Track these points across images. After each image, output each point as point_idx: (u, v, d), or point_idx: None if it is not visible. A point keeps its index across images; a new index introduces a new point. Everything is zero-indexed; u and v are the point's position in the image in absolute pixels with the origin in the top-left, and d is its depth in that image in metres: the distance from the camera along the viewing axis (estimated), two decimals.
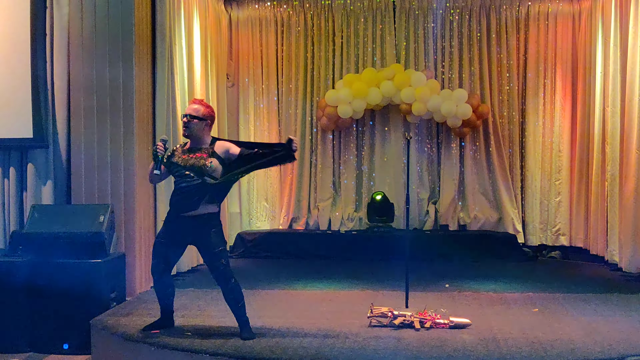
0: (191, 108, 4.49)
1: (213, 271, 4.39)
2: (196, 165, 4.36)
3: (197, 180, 4.36)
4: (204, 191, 4.36)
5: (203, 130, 4.47)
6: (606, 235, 7.44)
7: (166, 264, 4.54)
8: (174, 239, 4.47)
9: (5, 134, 5.82)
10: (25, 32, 5.75)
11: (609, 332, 4.53)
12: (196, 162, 4.37)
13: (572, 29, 8.74)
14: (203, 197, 4.37)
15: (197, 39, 7.49)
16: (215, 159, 4.39)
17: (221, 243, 4.43)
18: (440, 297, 5.73)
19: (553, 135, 8.79)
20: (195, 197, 4.36)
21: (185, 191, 4.37)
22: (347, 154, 9.19)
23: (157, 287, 4.60)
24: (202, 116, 4.44)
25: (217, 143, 4.48)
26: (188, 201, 4.36)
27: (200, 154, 4.40)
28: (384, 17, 9.08)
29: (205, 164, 4.35)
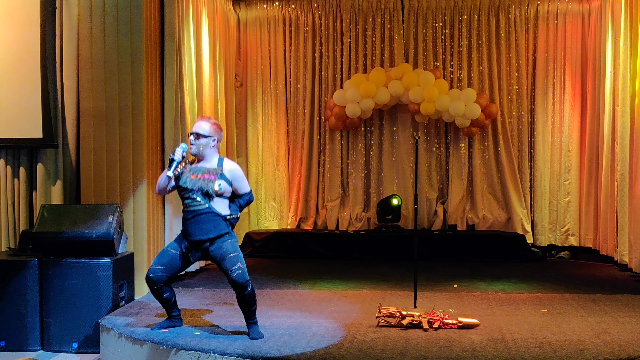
0: (198, 126, 4.42)
1: (229, 276, 4.29)
2: (205, 189, 4.33)
3: (206, 204, 4.34)
4: (215, 214, 4.36)
5: (210, 148, 4.42)
6: (616, 236, 7.40)
7: (166, 272, 4.44)
8: (185, 254, 4.45)
9: (15, 134, 5.85)
10: (35, 32, 5.79)
11: (618, 333, 4.50)
12: (204, 184, 4.33)
13: (582, 28, 8.70)
14: (215, 219, 4.36)
15: (206, 39, 7.50)
16: (223, 181, 4.37)
17: (236, 250, 4.39)
18: (448, 297, 5.71)
19: (562, 135, 8.75)
20: (207, 221, 4.35)
21: (197, 216, 4.35)
22: (355, 154, 9.19)
23: (154, 292, 4.50)
24: (208, 134, 4.40)
25: (227, 165, 4.44)
26: (201, 226, 4.35)
27: (208, 174, 4.36)
28: (392, 17, 9.07)
29: (214, 188, 4.33)
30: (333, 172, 9.18)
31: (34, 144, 5.85)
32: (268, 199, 9.28)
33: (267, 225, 9.25)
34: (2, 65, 5.88)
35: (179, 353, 4.18)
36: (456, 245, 8.30)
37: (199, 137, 4.38)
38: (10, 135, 5.86)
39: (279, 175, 9.26)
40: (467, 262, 7.92)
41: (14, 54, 5.86)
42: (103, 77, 5.87)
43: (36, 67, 5.79)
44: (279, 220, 9.27)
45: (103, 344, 4.83)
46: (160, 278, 4.42)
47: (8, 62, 5.87)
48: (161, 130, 6.39)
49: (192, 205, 4.37)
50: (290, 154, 9.30)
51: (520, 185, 8.83)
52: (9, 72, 5.87)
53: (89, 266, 5.11)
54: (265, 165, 9.29)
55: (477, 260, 8.04)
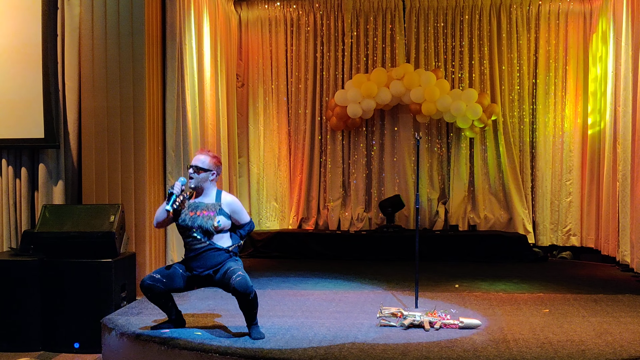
0: (197, 159, 4.42)
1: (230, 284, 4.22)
2: (204, 226, 4.33)
3: (207, 241, 4.35)
4: (217, 250, 4.37)
5: (209, 182, 4.43)
6: (617, 236, 7.40)
7: (167, 286, 4.40)
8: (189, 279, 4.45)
9: (17, 134, 5.86)
10: (37, 32, 5.79)
11: (620, 333, 4.50)
12: (204, 222, 4.33)
13: (583, 28, 8.69)
14: (218, 254, 4.37)
15: (207, 39, 7.51)
16: (222, 217, 4.38)
17: (238, 264, 4.40)
18: (450, 298, 5.71)
19: (564, 135, 8.75)
20: (210, 257, 4.37)
21: (199, 254, 4.37)
22: (356, 154, 9.19)
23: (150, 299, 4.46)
24: (208, 168, 4.39)
25: (225, 198, 4.45)
26: (205, 262, 4.37)
27: (207, 211, 4.36)
28: (393, 17, 9.07)
29: (214, 224, 4.33)
30: (334, 172, 9.18)
31: (35, 144, 5.85)
32: (269, 199, 9.28)
33: (268, 225, 9.25)
34: (4, 65, 5.88)
35: (180, 353, 4.18)
36: (457, 246, 8.30)
37: (198, 170, 4.38)
38: (12, 135, 5.87)
39: (281, 175, 9.26)
40: (468, 262, 7.92)
41: (16, 54, 5.86)
42: (104, 77, 5.88)
43: (38, 67, 5.79)
44: (280, 221, 9.27)
45: (104, 344, 4.83)
46: (157, 288, 4.37)
47: (9, 62, 5.88)
48: (162, 131, 6.39)
49: (193, 244, 4.39)
50: (291, 154, 9.30)
51: (522, 185, 8.83)
52: (11, 72, 5.87)
53: (91, 266, 5.11)
54: (266, 165, 9.29)
55: (479, 260, 8.04)
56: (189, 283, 4.49)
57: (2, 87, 5.88)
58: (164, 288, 4.40)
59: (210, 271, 4.40)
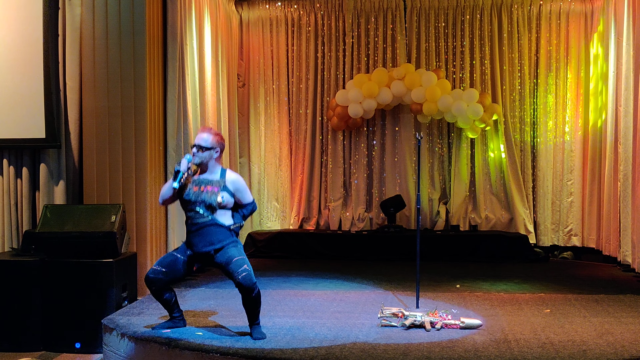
0: (200, 138, 4.42)
1: (235, 279, 4.30)
2: (207, 201, 4.34)
3: (209, 216, 4.36)
4: (219, 225, 4.38)
5: (213, 160, 4.43)
6: (619, 236, 7.39)
7: (167, 275, 4.43)
8: (188, 262, 4.46)
9: (18, 134, 5.87)
10: (38, 32, 5.80)
11: (621, 334, 4.50)
12: (207, 197, 4.34)
13: (584, 28, 8.69)
14: (219, 231, 4.38)
15: (208, 39, 7.51)
16: (226, 193, 4.38)
17: (241, 254, 4.40)
18: (451, 298, 5.71)
19: (565, 135, 8.74)
20: (212, 233, 4.37)
21: (201, 228, 4.37)
22: (357, 154, 9.19)
23: (153, 293, 4.51)
24: (211, 146, 4.40)
25: (229, 176, 4.45)
26: (205, 237, 4.37)
27: (211, 187, 4.37)
28: (394, 17, 9.06)
29: (217, 200, 4.34)
30: (335, 173, 9.18)
31: (36, 144, 5.86)
32: (270, 199, 9.28)
33: (269, 225, 9.25)
34: (5, 65, 5.89)
35: (181, 353, 4.18)
36: (459, 246, 8.30)
37: (201, 149, 4.39)
38: (13, 135, 5.87)
39: (282, 175, 9.26)
40: (469, 263, 7.92)
41: (17, 54, 5.87)
42: (106, 78, 5.88)
43: (39, 67, 5.80)
44: (281, 221, 9.27)
45: (105, 344, 4.83)
46: (159, 280, 4.42)
47: (11, 62, 5.88)
48: (164, 131, 6.40)
49: (196, 218, 4.38)
50: (292, 154, 9.30)
51: (523, 185, 8.82)
52: (12, 72, 5.88)
53: (92, 266, 5.12)
54: (267, 165, 9.29)
55: (480, 260, 8.03)
56: (189, 264, 4.48)
57: (3, 87, 5.89)
58: (167, 278, 4.43)
59: (211, 249, 4.38)
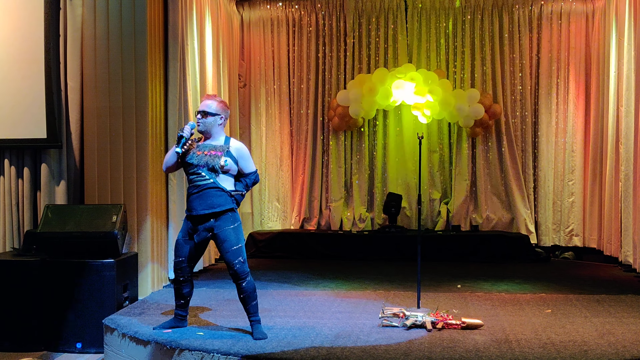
0: (205, 104, 4.47)
1: (230, 268, 4.37)
2: (210, 164, 4.36)
3: (211, 179, 4.36)
4: (220, 189, 4.38)
5: (217, 127, 4.47)
6: (620, 236, 7.38)
7: (188, 261, 4.51)
8: (194, 236, 4.48)
9: (19, 135, 5.87)
10: (39, 33, 5.80)
11: (622, 334, 4.49)
12: (211, 160, 4.37)
13: (586, 28, 8.68)
14: (220, 194, 4.38)
15: (209, 39, 7.51)
16: (229, 158, 4.40)
17: (239, 240, 4.42)
18: (452, 298, 5.71)
19: (566, 135, 8.74)
20: (212, 196, 4.37)
21: (202, 190, 4.37)
22: (358, 154, 9.19)
23: (178, 284, 4.54)
24: (215, 112, 4.44)
25: (233, 143, 4.48)
26: (206, 200, 4.37)
27: (215, 151, 4.40)
28: (395, 17, 9.07)
29: (220, 163, 4.36)
30: (336, 173, 9.18)
31: (38, 144, 5.86)
32: (271, 199, 9.28)
33: (270, 225, 9.25)
34: (6, 65, 5.89)
35: (182, 353, 4.18)
36: (460, 246, 8.29)
37: (206, 115, 4.42)
38: (14, 135, 5.87)
39: (283, 175, 9.26)
40: (470, 263, 7.92)
41: (18, 54, 5.87)
42: (107, 78, 5.88)
43: (40, 68, 5.80)
44: (282, 221, 9.27)
45: (107, 344, 4.84)
46: (181, 267, 4.48)
47: (12, 62, 5.88)
48: (165, 131, 6.40)
49: (198, 180, 4.39)
50: (293, 155, 9.31)
51: (524, 185, 8.82)
52: (13, 72, 5.88)
53: (93, 266, 5.12)
54: (268, 165, 9.29)
55: (481, 260, 8.03)
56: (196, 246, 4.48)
57: (5, 87, 5.89)
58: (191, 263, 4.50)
59: (210, 212, 4.36)
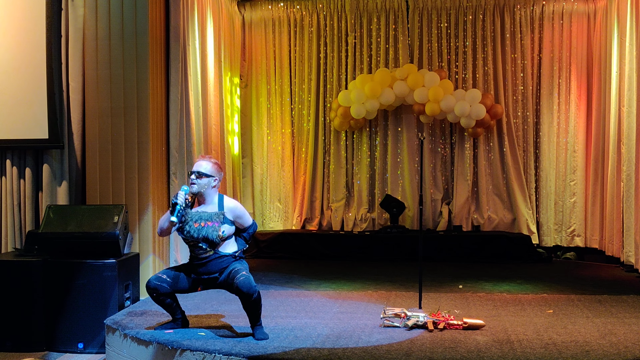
0: (199, 165, 4.43)
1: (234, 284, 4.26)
2: (209, 238, 4.36)
3: (212, 251, 4.40)
4: (223, 256, 4.42)
5: (210, 188, 4.45)
6: (622, 237, 7.37)
7: (171, 286, 4.44)
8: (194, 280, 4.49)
9: (21, 135, 5.88)
10: (41, 33, 5.81)
11: (624, 334, 4.49)
12: (209, 233, 4.36)
13: (587, 28, 8.68)
14: (223, 260, 4.42)
15: (211, 40, 7.52)
16: (226, 225, 4.41)
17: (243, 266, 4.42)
18: (453, 298, 5.70)
19: (568, 136, 8.73)
20: (217, 263, 4.41)
21: (207, 262, 4.42)
22: (360, 155, 9.19)
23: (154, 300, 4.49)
24: (210, 173, 4.42)
25: (227, 204, 4.47)
26: (211, 269, 4.42)
27: (211, 222, 4.38)
28: (397, 17, 9.06)
29: (219, 235, 4.37)
30: (338, 173, 9.18)
31: (39, 145, 5.87)
32: (273, 199, 9.28)
33: (272, 226, 9.25)
34: (8, 66, 5.90)
35: (184, 354, 4.18)
36: (461, 246, 8.29)
37: (200, 176, 4.40)
38: (16, 136, 5.88)
39: (284, 176, 9.27)
40: (472, 263, 7.91)
41: (20, 55, 5.88)
42: (108, 78, 5.89)
43: (42, 68, 5.81)
44: (284, 221, 9.27)
45: (108, 344, 4.84)
46: (162, 287, 4.42)
47: (14, 63, 5.89)
48: (166, 131, 6.40)
49: (200, 254, 4.44)
50: (295, 155, 9.31)
51: (526, 185, 8.81)
52: (15, 73, 5.89)
53: (95, 266, 5.12)
54: (270, 166, 9.29)
55: (483, 261, 8.03)
56: (194, 284, 4.52)
57: (6, 88, 5.90)
58: (170, 289, 4.44)
59: (216, 274, 4.44)
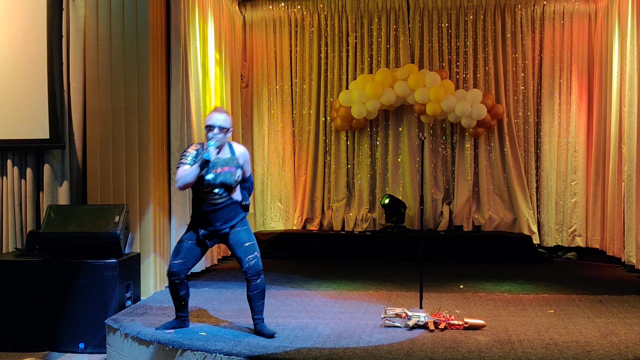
0: (218, 119, 4.43)
1: (245, 263, 4.43)
2: (227, 182, 4.39)
3: (227, 196, 4.41)
4: (235, 203, 4.47)
5: (226, 139, 4.50)
6: (623, 237, 7.37)
7: (191, 263, 4.54)
8: (201, 242, 4.52)
9: (22, 135, 5.88)
10: (42, 34, 5.82)
11: (625, 334, 4.49)
12: (226, 178, 4.38)
13: (588, 28, 8.67)
14: (235, 208, 4.47)
15: (212, 40, 7.52)
16: (239, 170, 4.48)
17: (252, 238, 4.53)
18: (454, 298, 5.70)
19: (569, 136, 8.72)
20: (229, 211, 4.45)
21: (219, 209, 4.43)
22: (361, 155, 9.18)
23: (174, 287, 4.54)
24: (229, 126, 4.47)
25: (238, 149, 4.52)
26: (223, 216, 4.44)
27: (228, 167, 4.41)
28: (397, 17, 9.06)
29: (235, 180, 4.41)
30: (339, 173, 9.18)
31: (40, 145, 5.87)
32: (274, 199, 9.28)
33: (272, 226, 9.25)
34: (9, 66, 5.91)
35: (184, 353, 4.18)
36: (462, 246, 8.28)
37: (223, 130, 4.43)
38: (17, 136, 5.89)
39: (285, 176, 9.27)
40: (473, 263, 7.91)
41: (21, 55, 5.89)
42: (109, 78, 5.89)
43: (43, 68, 5.81)
44: (284, 221, 9.27)
45: (109, 344, 4.84)
46: (181, 271, 4.48)
47: (15, 63, 5.90)
48: (167, 131, 6.41)
49: (213, 199, 4.42)
50: (296, 155, 9.31)
51: (527, 185, 8.81)
52: (16, 73, 5.90)
53: (96, 266, 5.13)
54: (271, 166, 9.30)
55: (483, 261, 8.02)
56: (202, 246, 4.53)
57: (8, 88, 5.91)
58: (190, 266, 4.52)
59: (227, 228, 4.46)
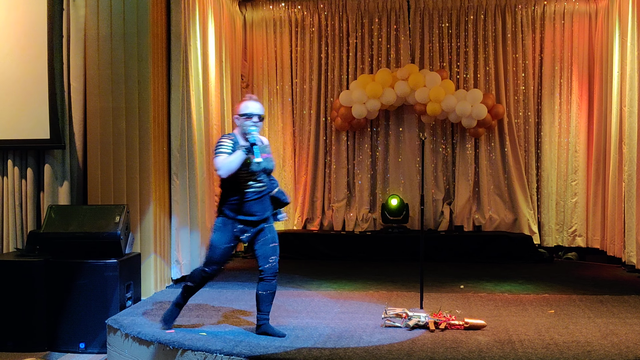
0: (257, 108, 4.46)
1: (266, 263, 4.42)
2: (268, 168, 4.40)
3: (267, 183, 4.41)
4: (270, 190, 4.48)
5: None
6: (623, 237, 7.37)
7: (221, 266, 4.51)
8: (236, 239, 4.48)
9: (23, 135, 5.88)
10: (43, 34, 5.81)
11: (626, 334, 4.49)
12: (267, 165, 4.38)
13: (589, 28, 8.67)
14: (269, 198, 4.48)
15: (212, 39, 7.52)
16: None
17: (276, 238, 4.53)
18: (455, 298, 5.70)
19: (569, 136, 8.73)
20: (267, 199, 4.45)
21: (262, 196, 4.41)
22: (361, 155, 9.18)
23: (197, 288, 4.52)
24: (264, 114, 4.50)
25: (263, 140, 4.52)
26: (265, 204, 4.44)
27: (265, 154, 4.40)
28: (398, 17, 9.06)
29: (274, 165, 4.46)
30: (339, 173, 9.18)
31: (41, 145, 5.87)
32: None
33: None
34: (10, 66, 5.90)
35: (185, 353, 4.18)
36: (462, 246, 8.28)
37: (260, 118, 4.46)
38: (18, 136, 5.89)
39: (285, 176, 9.27)
40: (473, 263, 7.91)
41: (22, 55, 5.88)
42: (110, 78, 5.89)
43: (43, 69, 5.81)
44: (285, 221, 9.25)
45: (110, 344, 4.84)
46: (215, 273, 4.48)
47: (15, 63, 5.89)
48: (167, 131, 6.40)
49: (258, 187, 4.38)
50: (296, 155, 9.31)
51: (527, 185, 8.81)
52: (17, 73, 5.89)
53: (96, 266, 5.13)
54: None
55: (484, 261, 8.02)
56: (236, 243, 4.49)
57: (8, 88, 5.90)
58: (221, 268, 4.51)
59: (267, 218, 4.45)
